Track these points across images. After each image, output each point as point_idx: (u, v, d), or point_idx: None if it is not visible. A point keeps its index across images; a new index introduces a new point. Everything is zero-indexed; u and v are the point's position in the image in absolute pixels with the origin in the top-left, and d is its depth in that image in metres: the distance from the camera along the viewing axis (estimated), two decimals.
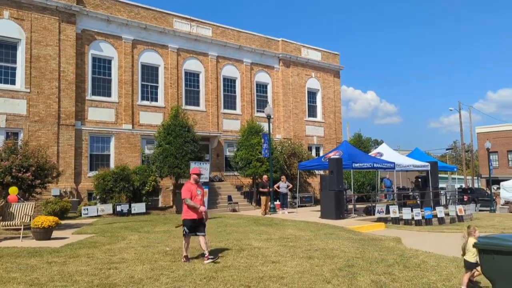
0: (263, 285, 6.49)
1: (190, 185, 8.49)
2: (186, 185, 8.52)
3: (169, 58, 24.41)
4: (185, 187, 8.45)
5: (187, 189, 8.38)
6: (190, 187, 8.42)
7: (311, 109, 31.23)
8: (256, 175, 23.13)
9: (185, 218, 8.37)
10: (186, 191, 8.35)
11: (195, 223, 8.37)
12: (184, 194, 8.36)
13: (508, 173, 43.18)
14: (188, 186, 8.47)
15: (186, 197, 8.30)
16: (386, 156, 20.64)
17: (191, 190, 8.37)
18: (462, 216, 19.63)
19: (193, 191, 8.37)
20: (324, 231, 13.00)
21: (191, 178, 8.63)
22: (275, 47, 29.58)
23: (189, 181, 8.64)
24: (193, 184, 8.52)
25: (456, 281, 6.99)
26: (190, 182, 8.57)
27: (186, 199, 8.30)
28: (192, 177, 8.65)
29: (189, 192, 8.34)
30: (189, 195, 8.30)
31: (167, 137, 20.48)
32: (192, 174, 8.68)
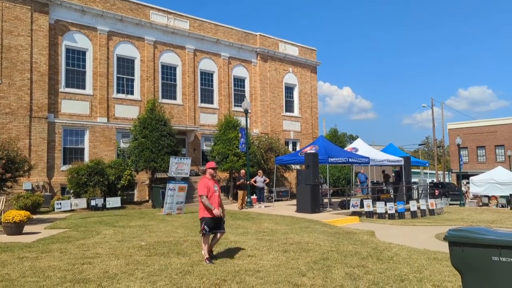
0: (239, 279, 6.53)
1: (207, 180, 7.81)
2: (203, 180, 7.82)
3: (146, 51, 24.08)
4: (202, 183, 7.74)
5: (204, 185, 7.69)
6: (208, 183, 7.74)
7: (288, 104, 31.39)
8: (233, 170, 23.15)
9: (205, 216, 7.66)
10: (203, 187, 7.67)
11: (216, 221, 7.72)
12: (201, 190, 7.68)
13: (477, 168, 44.50)
14: (205, 181, 7.77)
15: (203, 194, 7.62)
16: (361, 151, 20.97)
17: (208, 186, 7.69)
18: (434, 210, 20.16)
19: (210, 188, 7.71)
20: (300, 225, 13.14)
21: (207, 173, 7.96)
22: (253, 41, 29.54)
23: (205, 176, 7.97)
24: (210, 179, 7.85)
25: (427, 272, 7.18)
26: (206, 177, 7.89)
27: (202, 197, 7.62)
28: (208, 172, 7.96)
29: (206, 188, 7.67)
30: (206, 192, 7.63)
31: (143, 130, 20.26)
32: (208, 168, 7.98)
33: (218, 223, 7.75)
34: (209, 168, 7.98)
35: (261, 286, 6.13)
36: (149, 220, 14.47)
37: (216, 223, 7.71)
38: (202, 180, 7.85)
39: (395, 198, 20.62)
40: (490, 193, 30.46)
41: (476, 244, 4.51)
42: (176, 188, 16.86)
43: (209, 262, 7.55)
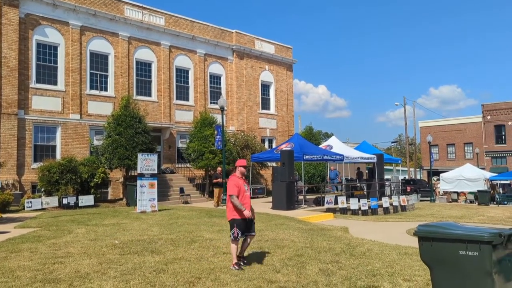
0: (214, 276, 6.54)
1: (237, 179, 7.29)
2: (233, 179, 7.29)
3: (120, 47, 23.69)
4: (232, 182, 7.23)
5: (235, 184, 7.18)
6: (238, 182, 7.24)
7: (265, 102, 31.47)
8: (209, 167, 23.07)
9: (236, 217, 7.14)
10: (233, 186, 7.16)
11: (247, 223, 7.25)
12: (231, 189, 7.14)
13: (447, 165, 45.70)
14: (235, 180, 7.25)
15: (233, 194, 7.09)
16: (335, 149, 21.25)
17: (239, 186, 7.19)
18: (405, 206, 20.59)
19: (241, 187, 7.20)
20: (275, 221, 13.22)
21: (237, 171, 7.44)
22: (229, 38, 29.45)
23: (235, 174, 7.44)
24: (240, 178, 7.36)
25: (398, 267, 7.35)
26: (236, 176, 7.37)
27: (232, 197, 7.09)
28: (238, 170, 7.45)
29: (237, 187, 7.15)
30: (236, 192, 7.11)
31: (117, 127, 19.96)
32: (239, 166, 7.48)
33: (249, 225, 7.32)
34: (240, 166, 7.47)
35: (235, 283, 6.16)
36: (123, 218, 14.29)
37: (247, 225, 7.27)
38: (231, 179, 7.30)
39: (369, 194, 20.99)
40: (459, 190, 31.37)
41: (445, 239, 4.61)
42: (146, 184, 16.75)
43: (238, 268, 6.97)
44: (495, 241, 4.24)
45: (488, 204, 27.02)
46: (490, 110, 45.22)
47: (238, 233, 7.10)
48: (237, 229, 7.10)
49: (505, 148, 43.80)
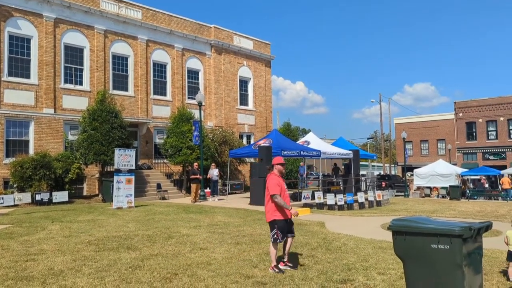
0: (191, 272, 6.53)
1: (277, 178, 6.90)
2: (273, 178, 6.88)
3: (96, 40, 23.24)
4: (273, 181, 6.81)
5: (276, 183, 6.77)
6: (279, 181, 6.86)
7: (243, 98, 31.44)
8: (186, 163, 22.93)
9: (277, 218, 6.71)
10: (275, 185, 6.74)
11: (289, 224, 6.85)
12: (273, 189, 6.72)
13: (421, 161, 46.68)
14: (276, 179, 6.86)
15: (276, 193, 6.68)
16: (313, 145, 21.42)
17: (280, 185, 6.81)
18: (380, 201, 20.97)
19: (282, 186, 6.84)
20: (253, 217, 13.27)
21: (276, 170, 7.03)
22: (207, 33, 29.26)
23: (274, 172, 7.01)
24: (279, 176, 6.99)
25: (372, 261, 7.49)
26: (275, 174, 6.97)
27: (275, 196, 6.66)
28: (277, 168, 7.04)
29: (279, 187, 6.77)
30: (278, 191, 6.71)
31: (93, 122, 19.62)
32: (277, 164, 7.05)
33: (290, 226, 6.91)
34: (278, 164, 7.06)
35: (212, 279, 6.16)
36: (98, 214, 14.09)
37: (289, 226, 6.87)
38: (272, 178, 6.89)
39: (345, 190, 21.28)
40: (432, 185, 32.11)
41: (417, 233, 4.72)
42: (123, 180, 16.56)
43: (277, 270, 6.60)
44: (465, 235, 4.36)
45: (459, 199, 27.75)
46: (462, 107, 46.34)
47: (279, 235, 6.68)
48: (278, 231, 6.69)
49: (476, 144, 45.02)
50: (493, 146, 43.89)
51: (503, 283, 6.27)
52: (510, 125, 43.06)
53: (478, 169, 34.64)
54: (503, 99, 43.48)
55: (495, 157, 43.64)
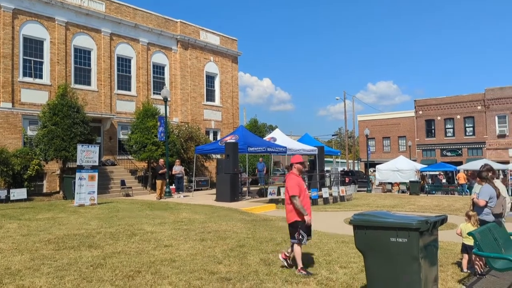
0: (154, 269, 6.47)
1: (296, 177, 6.56)
2: (292, 177, 6.55)
3: (57, 32, 22.45)
4: (292, 180, 6.47)
5: (296, 183, 6.43)
6: (299, 181, 6.53)
7: (209, 93, 31.24)
8: (151, 159, 22.59)
9: (299, 220, 6.39)
10: (295, 185, 6.40)
11: (308, 225, 6.51)
12: (292, 189, 6.37)
13: (383, 157, 47.89)
14: (295, 179, 6.51)
15: (295, 194, 6.33)
16: (279, 141, 21.61)
17: (300, 185, 6.47)
18: (344, 196, 21.44)
19: (301, 187, 6.50)
20: (219, 213, 13.27)
21: (295, 169, 6.66)
22: (173, 28, 28.87)
23: (293, 171, 6.65)
24: (298, 176, 6.67)
25: (335, 255, 7.67)
26: (294, 173, 6.62)
27: (295, 198, 6.32)
28: (296, 167, 6.66)
29: (298, 187, 6.42)
30: (298, 191, 6.37)
31: (54, 117, 18.99)
32: (297, 163, 6.68)
33: (309, 228, 6.60)
34: (298, 163, 6.69)
35: (176, 276, 6.13)
36: (59, 212, 13.70)
37: (308, 228, 6.55)
38: (291, 177, 6.56)
39: (310, 185, 21.56)
40: (393, 180, 33.07)
41: (377, 227, 4.86)
42: (86, 177, 16.16)
43: (306, 273, 6.32)
44: (422, 228, 4.54)
45: (418, 193, 28.74)
46: (421, 105, 47.84)
47: (303, 235, 6.40)
48: (301, 231, 6.39)
49: (434, 141, 46.64)
50: (450, 143, 45.61)
51: (457, 274, 6.56)
52: (466, 123, 44.85)
53: (436, 165, 35.96)
54: (460, 98, 45.21)
55: (452, 153, 45.38)
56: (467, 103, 44.48)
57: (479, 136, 43.51)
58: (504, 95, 42.10)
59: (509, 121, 41.67)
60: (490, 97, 42.87)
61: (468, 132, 44.69)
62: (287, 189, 6.45)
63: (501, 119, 42.36)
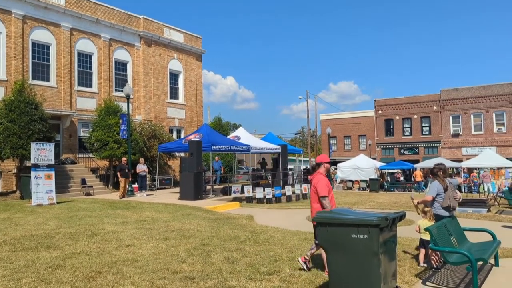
0: (116, 270, 6.37)
1: (325, 177, 6.42)
2: (322, 178, 6.38)
3: (13, 26, 21.55)
4: (323, 181, 6.32)
5: (326, 184, 6.30)
6: (328, 182, 6.39)
7: (173, 91, 30.89)
8: (113, 157, 22.10)
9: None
10: (325, 186, 6.27)
11: None
12: (323, 190, 6.24)
13: (344, 155, 48.99)
14: (325, 179, 6.37)
15: (326, 195, 6.22)
16: (243, 139, 21.68)
17: (329, 186, 6.37)
18: (306, 194, 21.76)
19: (330, 187, 6.39)
20: (182, 212, 13.18)
21: (322, 168, 6.52)
22: (136, 24, 28.33)
23: (320, 172, 6.49)
24: (326, 176, 6.53)
25: (298, 252, 7.80)
26: (322, 173, 6.46)
27: (325, 198, 6.20)
28: (324, 167, 6.54)
29: (328, 188, 6.32)
30: (327, 192, 6.27)
31: (10, 114, 18.24)
32: (325, 163, 6.55)
33: None
34: (326, 163, 6.58)
35: (139, 276, 6.07)
36: (15, 212, 13.19)
37: None
38: (320, 177, 6.38)
39: (273, 183, 21.81)
40: (354, 178, 33.88)
41: (339, 224, 5.00)
42: (42, 176, 15.67)
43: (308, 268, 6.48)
44: (382, 224, 4.71)
45: (378, 191, 29.60)
46: (381, 105, 49.25)
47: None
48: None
49: (393, 140, 48.15)
50: (408, 142, 47.18)
51: (415, 268, 6.84)
52: (423, 122, 46.52)
53: (394, 163, 37.12)
54: (416, 98, 46.83)
55: (410, 152, 46.99)
56: (423, 103, 46.13)
57: (434, 135, 45.24)
58: (458, 96, 43.95)
59: (462, 121, 43.55)
60: (445, 98, 44.66)
61: (424, 131, 46.37)
62: (317, 189, 6.32)
63: (455, 119, 44.22)
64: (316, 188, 6.34)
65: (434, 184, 7.29)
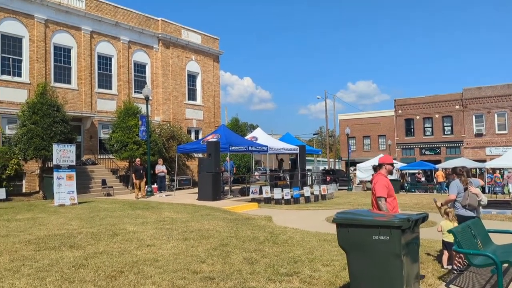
0: (137, 269, 6.43)
1: (385, 178, 6.21)
2: (382, 178, 6.17)
3: (36, 30, 22.02)
4: (382, 181, 6.11)
5: (384, 185, 6.08)
6: (388, 182, 6.18)
7: (191, 92, 31.10)
8: (133, 158, 22.38)
9: None
10: (383, 187, 6.05)
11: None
12: (380, 190, 6.04)
13: (363, 156, 48.46)
14: (384, 180, 6.16)
15: (382, 195, 6.01)
16: (260, 140, 21.67)
17: (388, 186, 6.13)
18: (325, 195, 21.63)
19: (390, 187, 6.16)
20: (201, 212, 13.24)
21: (384, 169, 6.30)
22: (154, 26, 28.63)
23: (382, 172, 6.28)
24: (387, 177, 6.31)
25: (317, 253, 7.75)
26: (383, 174, 6.25)
27: (381, 199, 6.01)
28: (386, 168, 6.30)
29: (387, 189, 6.07)
30: (385, 193, 6.03)
31: (33, 116, 18.66)
32: (388, 164, 6.33)
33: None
34: (389, 164, 6.35)
35: (159, 276, 6.11)
36: (39, 212, 13.47)
37: None
38: (380, 178, 6.18)
39: (291, 184, 21.73)
40: None
41: (360, 225, 4.93)
42: (64, 176, 15.96)
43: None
44: (404, 226, 4.63)
45: (398, 192, 29.18)
46: (401, 105, 48.59)
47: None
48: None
49: (414, 140, 47.45)
50: (429, 142, 46.43)
51: (438, 270, 6.71)
52: (445, 122, 45.72)
53: (415, 164, 36.57)
54: (438, 98, 46.05)
55: (431, 152, 46.23)
56: (445, 103, 45.33)
57: (457, 135, 44.41)
58: (481, 95, 43.05)
59: (486, 120, 42.64)
60: (467, 97, 43.80)
61: (446, 131, 45.57)
62: (375, 189, 6.14)
63: (478, 118, 43.31)
64: (374, 189, 6.18)
65: (455, 183, 7.21)
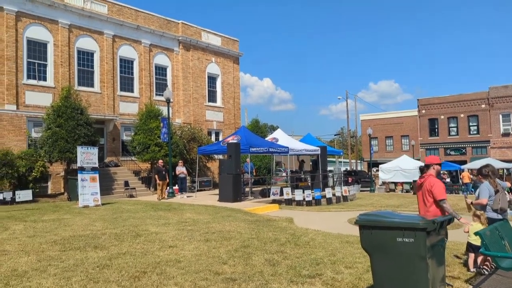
0: (160, 270, 6.48)
1: (440, 181, 6.16)
2: (436, 180, 6.11)
3: (60, 35, 22.53)
4: (439, 184, 6.05)
5: (443, 187, 6.07)
6: (443, 185, 6.15)
7: (211, 94, 31.27)
8: (154, 160, 22.64)
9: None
10: (442, 188, 6.01)
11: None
12: (440, 193, 5.98)
13: (386, 156, 47.82)
14: (440, 182, 6.11)
15: (445, 198, 5.97)
16: (281, 141, 21.59)
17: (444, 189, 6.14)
18: (347, 196, 21.40)
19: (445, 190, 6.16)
20: (222, 213, 13.27)
21: (433, 170, 6.23)
22: (175, 29, 28.91)
23: (432, 174, 6.21)
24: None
25: (340, 255, 7.66)
26: (433, 175, 6.20)
27: (444, 201, 5.94)
28: (435, 168, 6.23)
29: (444, 190, 6.10)
30: (445, 195, 6.04)
31: (58, 119, 19.07)
32: (436, 164, 6.24)
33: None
34: (437, 164, 6.25)
35: (182, 276, 6.15)
36: (64, 213, 13.74)
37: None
38: (435, 180, 6.11)
39: (312, 185, 21.57)
40: (396, 180, 32.94)
41: (383, 227, 4.84)
42: (88, 178, 16.26)
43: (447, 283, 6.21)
44: (429, 228, 4.53)
45: None
46: (424, 104, 47.76)
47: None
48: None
49: (438, 140, 46.57)
50: (454, 142, 45.50)
51: (464, 273, 6.55)
52: (470, 121, 44.74)
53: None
54: (463, 97, 45.11)
55: (456, 152, 45.28)
56: (470, 102, 44.36)
57: (483, 134, 43.39)
58: (508, 94, 41.97)
59: None
60: (494, 96, 42.76)
61: (472, 131, 44.58)
62: (433, 192, 6.03)
63: (505, 117, 42.24)
64: (432, 192, 6.03)
65: (486, 186, 6.97)
